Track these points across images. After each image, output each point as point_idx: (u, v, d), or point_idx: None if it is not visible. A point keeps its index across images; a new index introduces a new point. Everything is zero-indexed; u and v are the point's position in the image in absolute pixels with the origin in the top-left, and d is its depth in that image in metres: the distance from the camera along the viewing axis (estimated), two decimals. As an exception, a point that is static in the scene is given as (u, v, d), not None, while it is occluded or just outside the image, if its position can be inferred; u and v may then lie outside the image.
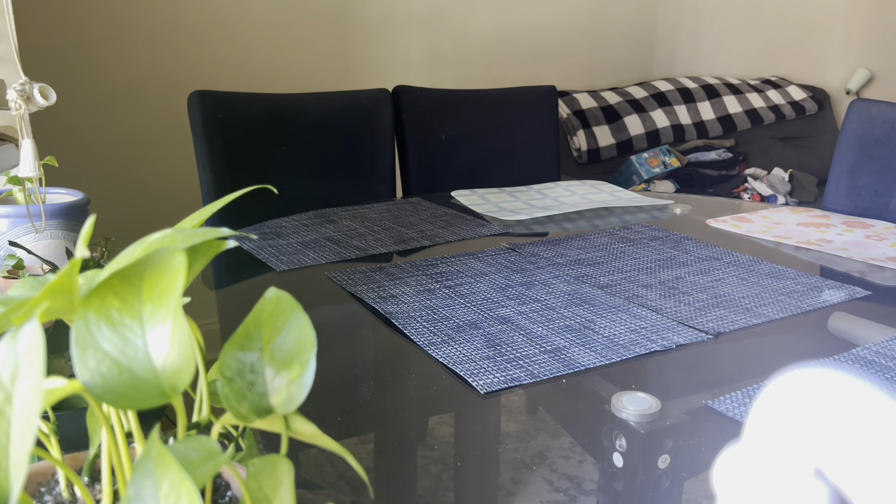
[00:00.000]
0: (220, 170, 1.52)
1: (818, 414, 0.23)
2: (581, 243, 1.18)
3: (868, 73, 2.94)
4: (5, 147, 0.95)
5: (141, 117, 2.19)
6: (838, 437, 0.23)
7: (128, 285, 0.33)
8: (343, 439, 0.66)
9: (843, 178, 1.58)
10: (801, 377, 0.24)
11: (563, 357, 0.79)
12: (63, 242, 0.83)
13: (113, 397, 0.31)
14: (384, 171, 1.73)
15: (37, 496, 0.38)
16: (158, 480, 0.28)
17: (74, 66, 2.08)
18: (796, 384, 0.24)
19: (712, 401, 0.70)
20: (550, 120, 1.92)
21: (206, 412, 0.40)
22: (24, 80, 0.76)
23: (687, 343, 0.83)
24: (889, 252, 1.17)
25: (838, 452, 0.23)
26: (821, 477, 0.23)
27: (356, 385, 0.75)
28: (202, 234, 0.36)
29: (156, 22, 2.18)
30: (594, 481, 0.60)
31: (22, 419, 0.29)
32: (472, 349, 0.80)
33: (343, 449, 0.35)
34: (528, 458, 0.62)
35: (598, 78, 3.13)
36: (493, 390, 0.72)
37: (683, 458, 0.64)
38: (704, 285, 1.01)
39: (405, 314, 0.89)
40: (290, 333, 0.36)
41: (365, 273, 1.03)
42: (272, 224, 1.27)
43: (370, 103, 1.71)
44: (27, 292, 0.38)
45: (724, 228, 1.29)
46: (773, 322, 0.90)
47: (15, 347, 0.30)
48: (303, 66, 2.43)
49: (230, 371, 0.35)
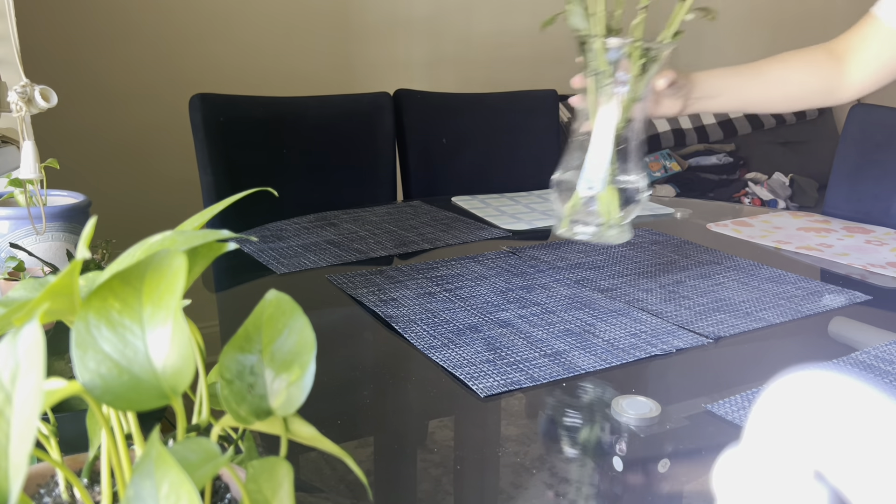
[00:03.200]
0: (220, 172, 1.52)
1: (817, 417, 0.23)
2: (581, 247, 1.18)
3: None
4: (6, 149, 0.95)
5: (142, 120, 2.20)
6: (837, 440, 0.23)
7: (128, 287, 0.33)
8: (343, 442, 0.66)
9: (843, 183, 1.58)
10: (799, 381, 0.24)
11: (563, 361, 0.79)
12: (64, 244, 0.83)
13: (113, 399, 0.31)
14: (385, 174, 1.73)
15: (36, 498, 0.38)
16: (158, 481, 0.28)
17: (76, 68, 2.08)
18: (795, 388, 0.24)
19: (712, 405, 0.70)
20: (552, 124, 1.92)
21: (206, 414, 0.40)
22: (26, 83, 0.77)
23: (687, 347, 0.83)
24: (889, 257, 1.17)
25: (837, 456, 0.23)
26: (820, 480, 0.23)
27: (356, 388, 0.75)
28: (203, 236, 0.36)
29: (157, 25, 2.18)
30: (594, 485, 0.60)
31: (22, 420, 0.29)
32: (473, 353, 0.80)
33: (343, 452, 0.35)
34: (527, 462, 0.62)
35: (599, 82, 3.13)
36: (492, 394, 0.72)
37: (683, 461, 0.64)
38: (705, 289, 1.01)
39: (405, 317, 0.89)
40: (289, 336, 0.36)
41: (365, 276, 1.03)
42: (273, 227, 1.27)
43: (371, 106, 1.71)
44: (28, 294, 0.38)
45: (725, 233, 1.29)
46: (773, 326, 0.90)
47: (15, 348, 0.30)
48: (304, 69, 2.43)
49: (230, 373, 0.35)
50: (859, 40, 1.08)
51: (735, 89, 1.10)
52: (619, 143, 0.81)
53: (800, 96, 1.13)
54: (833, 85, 1.11)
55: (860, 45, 1.08)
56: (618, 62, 0.79)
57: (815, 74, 1.11)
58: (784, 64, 1.12)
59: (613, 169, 0.81)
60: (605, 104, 0.80)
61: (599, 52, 0.78)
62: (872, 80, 1.09)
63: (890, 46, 1.06)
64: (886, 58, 1.07)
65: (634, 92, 0.79)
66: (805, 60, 1.12)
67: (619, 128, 0.81)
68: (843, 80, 1.10)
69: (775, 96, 1.13)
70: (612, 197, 0.81)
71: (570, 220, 0.83)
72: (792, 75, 1.12)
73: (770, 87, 1.12)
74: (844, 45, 1.10)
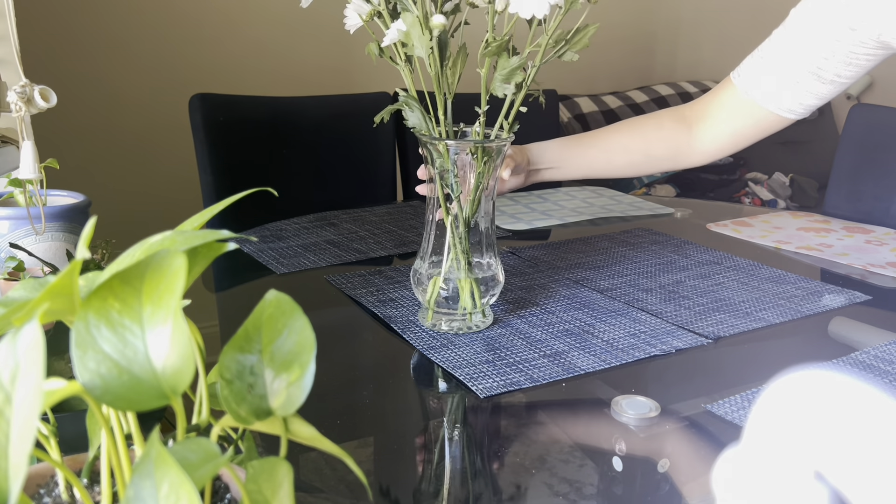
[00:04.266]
0: (220, 172, 1.52)
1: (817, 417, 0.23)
2: (581, 247, 1.18)
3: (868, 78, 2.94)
4: (6, 149, 0.95)
5: (142, 119, 2.20)
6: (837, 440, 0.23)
7: (128, 287, 0.33)
8: (343, 442, 0.66)
9: (843, 183, 1.58)
10: (799, 381, 0.24)
11: (562, 361, 0.79)
12: (64, 244, 0.83)
13: (112, 399, 0.31)
14: (385, 174, 1.73)
15: (36, 498, 0.38)
16: (158, 481, 0.28)
17: (75, 68, 2.08)
18: (795, 388, 0.24)
19: (712, 404, 0.70)
20: (551, 124, 1.92)
21: (206, 414, 0.40)
22: (25, 82, 0.77)
23: (687, 347, 0.83)
24: (889, 257, 1.17)
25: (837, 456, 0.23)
26: (820, 480, 0.23)
27: (356, 388, 0.75)
28: (202, 236, 0.36)
29: (157, 24, 2.18)
30: (594, 485, 0.60)
31: (21, 420, 0.29)
32: (472, 353, 0.80)
33: (342, 452, 0.35)
34: (527, 462, 0.62)
35: (599, 82, 3.13)
36: (492, 394, 0.72)
37: (683, 461, 0.64)
38: (704, 289, 1.01)
39: (404, 318, 0.89)
40: (289, 336, 0.36)
41: (364, 276, 1.03)
42: (272, 227, 1.27)
43: (372, 106, 1.70)
44: (28, 294, 0.38)
45: (725, 233, 1.29)
46: (773, 326, 0.90)
47: (15, 348, 0.30)
48: (304, 69, 2.43)
49: (230, 373, 0.35)
50: (716, 106, 1.08)
51: (575, 159, 1.12)
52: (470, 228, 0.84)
53: (643, 163, 1.15)
54: (681, 150, 1.12)
55: (715, 111, 1.09)
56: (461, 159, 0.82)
57: (660, 142, 1.12)
58: (628, 132, 1.14)
59: (469, 256, 0.84)
60: (452, 195, 0.82)
61: (444, 153, 0.80)
62: (724, 145, 1.10)
63: (743, 115, 1.06)
64: (739, 126, 1.07)
65: (481, 182, 0.82)
66: (650, 127, 1.13)
67: (469, 216, 0.83)
68: (692, 145, 1.11)
69: (618, 164, 1.15)
70: (470, 284, 0.84)
71: (433, 312, 0.85)
72: (634, 143, 1.13)
73: (612, 155, 1.13)
74: (700, 109, 1.10)
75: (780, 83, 1.01)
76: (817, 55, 0.97)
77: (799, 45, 0.98)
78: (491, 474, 0.62)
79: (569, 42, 0.80)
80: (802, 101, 1.01)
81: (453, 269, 0.84)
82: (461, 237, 0.83)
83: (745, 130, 1.07)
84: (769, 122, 1.05)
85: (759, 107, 1.04)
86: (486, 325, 0.86)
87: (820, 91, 1.00)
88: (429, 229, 0.86)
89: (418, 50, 0.77)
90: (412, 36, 0.77)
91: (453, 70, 0.79)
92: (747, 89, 1.04)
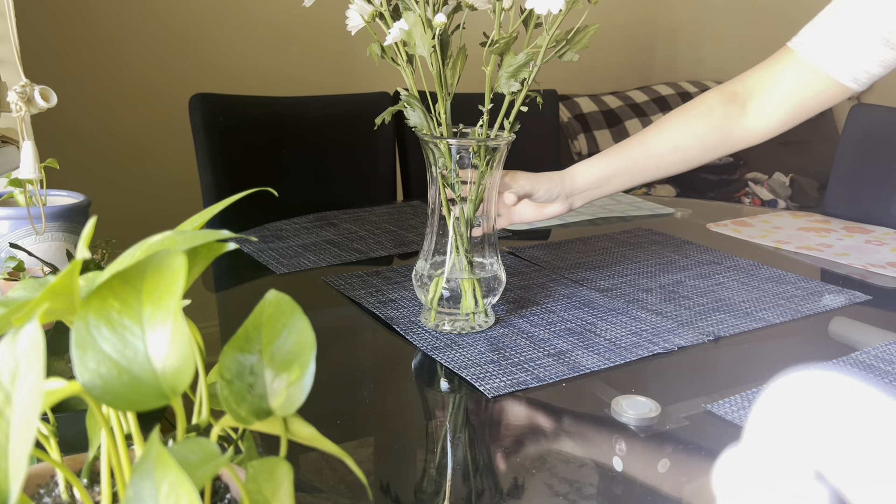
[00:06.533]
0: (220, 172, 1.52)
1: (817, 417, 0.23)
2: (581, 247, 1.18)
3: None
4: (6, 149, 0.95)
5: (142, 120, 2.20)
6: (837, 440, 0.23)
7: (128, 287, 0.33)
8: (343, 442, 0.66)
9: (843, 183, 1.58)
10: (799, 381, 0.24)
11: (567, 360, 0.79)
12: (64, 244, 0.83)
13: (112, 399, 0.31)
14: (385, 174, 1.73)
15: (36, 498, 0.38)
16: (158, 481, 0.28)
17: (76, 68, 2.08)
18: (795, 388, 0.24)
19: (712, 404, 0.70)
20: (551, 124, 1.92)
21: (206, 414, 0.40)
22: (25, 82, 0.77)
23: (689, 345, 0.83)
24: (889, 257, 1.17)
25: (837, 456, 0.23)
26: (820, 480, 0.23)
27: (356, 388, 0.75)
28: (202, 236, 0.36)
29: (157, 24, 2.18)
30: (594, 485, 0.60)
31: (21, 420, 0.29)
32: (476, 353, 0.80)
33: (342, 452, 0.35)
34: (527, 462, 0.62)
35: (599, 82, 3.13)
36: (500, 394, 0.72)
37: (683, 461, 0.64)
38: (704, 289, 1.01)
39: (406, 319, 0.89)
40: (289, 336, 0.36)
41: (363, 277, 1.03)
42: (272, 227, 1.27)
43: (371, 106, 1.71)
44: (28, 294, 0.38)
45: (725, 233, 1.29)
46: (773, 326, 0.90)
47: (15, 348, 0.30)
48: (304, 69, 2.43)
49: (230, 373, 0.35)
50: (772, 78, 1.00)
51: (622, 176, 1.02)
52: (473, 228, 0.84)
53: (697, 157, 1.04)
54: (734, 134, 1.02)
55: (772, 83, 1.00)
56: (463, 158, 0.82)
57: (714, 130, 1.02)
58: (677, 129, 1.03)
59: (470, 256, 0.84)
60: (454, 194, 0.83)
61: (445, 151, 0.81)
62: (783, 120, 1.01)
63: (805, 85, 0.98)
64: (799, 98, 0.99)
65: (483, 180, 0.82)
66: (699, 116, 1.03)
67: (470, 215, 0.83)
68: (747, 125, 1.02)
69: (671, 165, 1.04)
70: (472, 285, 0.84)
71: (436, 312, 0.86)
72: (686, 140, 1.03)
73: (664, 160, 1.03)
74: (752, 84, 1.01)
75: (847, 48, 0.95)
76: (889, 18, 0.92)
77: (870, 8, 0.93)
78: (491, 474, 0.62)
79: (569, 42, 0.80)
80: (867, 68, 0.94)
81: (455, 269, 0.84)
82: (462, 237, 0.83)
83: (806, 103, 0.99)
84: (831, 92, 0.98)
85: (823, 75, 0.97)
86: (489, 325, 0.86)
87: (886, 58, 0.93)
88: (430, 230, 0.86)
89: (420, 49, 0.77)
90: (414, 35, 0.77)
91: (453, 70, 0.79)
92: (811, 56, 0.97)
